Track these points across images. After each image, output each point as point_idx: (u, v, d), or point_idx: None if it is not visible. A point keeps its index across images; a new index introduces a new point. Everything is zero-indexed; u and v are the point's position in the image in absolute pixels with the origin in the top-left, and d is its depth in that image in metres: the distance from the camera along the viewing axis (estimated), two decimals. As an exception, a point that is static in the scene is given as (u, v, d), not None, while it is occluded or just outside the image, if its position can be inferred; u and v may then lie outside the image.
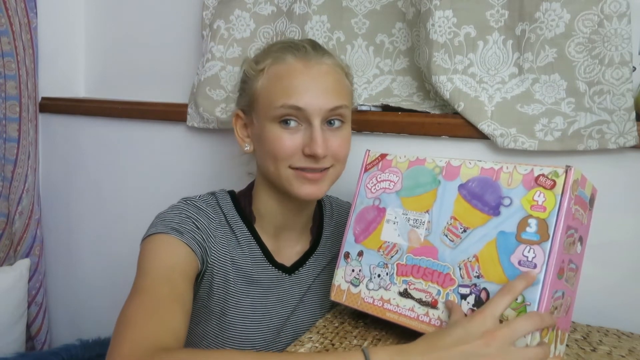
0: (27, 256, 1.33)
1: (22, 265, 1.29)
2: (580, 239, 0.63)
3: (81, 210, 1.41)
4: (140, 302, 0.59)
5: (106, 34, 1.38)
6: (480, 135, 0.90)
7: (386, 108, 1.00)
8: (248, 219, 0.79)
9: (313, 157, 0.72)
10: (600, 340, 0.73)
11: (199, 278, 0.74)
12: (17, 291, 1.26)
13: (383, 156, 0.74)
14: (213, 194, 0.81)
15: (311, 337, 0.68)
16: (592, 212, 0.65)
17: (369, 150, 0.76)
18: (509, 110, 0.88)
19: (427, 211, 0.67)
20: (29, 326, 1.34)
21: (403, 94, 1.03)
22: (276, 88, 0.72)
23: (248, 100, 0.76)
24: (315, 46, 0.77)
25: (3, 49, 1.23)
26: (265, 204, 0.79)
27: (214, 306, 0.75)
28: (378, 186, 0.73)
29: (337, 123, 0.74)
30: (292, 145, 0.72)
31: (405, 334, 0.69)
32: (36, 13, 1.28)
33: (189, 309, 0.63)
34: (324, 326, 0.72)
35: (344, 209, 0.91)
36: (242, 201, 0.81)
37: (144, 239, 0.70)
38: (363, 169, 0.76)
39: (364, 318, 0.75)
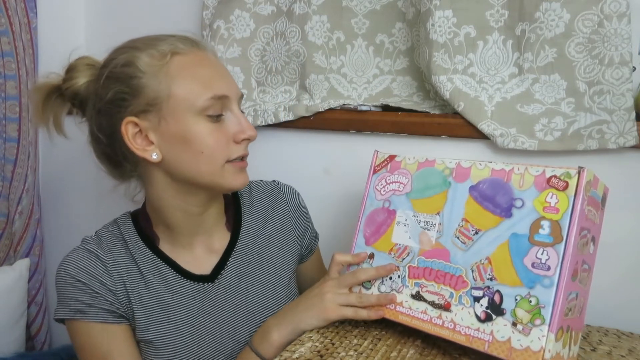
0: (27, 256, 1.33)
1: (22, 265, 1.29)
2: (593, 239, 0.62)
3: (81, 210, 1.41)
4: None
5: (106, 34, 1.37)
6: (480, 135, 0.90)
7: (386, 108, 1.00)
8: (152, 241, 0.75)
9: (247, 141, 0.72)
10: (600, 340, 0.73)
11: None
12: (17, 291, 1.26)
13: (392, 157, 0.73)
14: (115, 221, 0.77)
15: (311, 337, 0.67)
16: (604, 210, 0.64)
17: (377, 152, 0.76)
18: (508, 110, 0.88)
19: (438, 213, 0.66)
20: (28, 326, 1.34)
21: (403, 94, 1.03)
22: (193, 81, 0.68)
23: (146, 103, 0.67)
24: (189, 35, 0.73)
25: (3, 49, 1.23)
26: (171, 217, 0.74)
27: (139, 344, 0.73)
28: (387, 188, 0.72)
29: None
30: (225, 136, 0.70)
31: (405, 334, 0.69)
32: (36, 13, 1.28)
33: None
34: (324, 325, 0.72)
35: (267, 190, 0.87)
36: (142, 224, 0.76)
37: (59, 319, 0.71)
38: (372, 170, 0.75)
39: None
